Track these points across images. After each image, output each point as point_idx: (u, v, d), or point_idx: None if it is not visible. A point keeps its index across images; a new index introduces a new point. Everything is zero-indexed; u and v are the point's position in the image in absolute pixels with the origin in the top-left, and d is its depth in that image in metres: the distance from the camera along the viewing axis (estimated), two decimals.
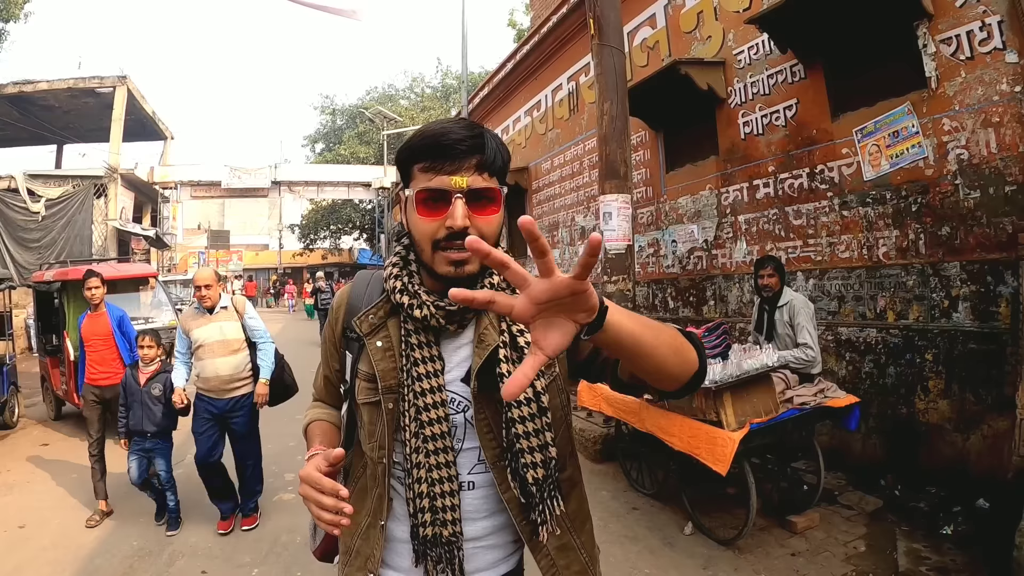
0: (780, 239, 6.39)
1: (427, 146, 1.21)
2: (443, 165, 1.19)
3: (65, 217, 20.77)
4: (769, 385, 3.99)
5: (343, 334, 1.46)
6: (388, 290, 1.36)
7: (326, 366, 1.58)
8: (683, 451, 3.97)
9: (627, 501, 5.02)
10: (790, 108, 6.27)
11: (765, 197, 6.59)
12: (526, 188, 13.04)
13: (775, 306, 4.74)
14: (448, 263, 1.21)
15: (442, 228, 1.19)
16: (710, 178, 7.47)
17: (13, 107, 21.88)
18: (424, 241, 1.23)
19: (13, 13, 16.54)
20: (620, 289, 6.19)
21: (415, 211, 1.23)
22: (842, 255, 5.70)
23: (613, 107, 6.18)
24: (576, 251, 10.90)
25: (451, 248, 1.20)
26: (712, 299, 7.45)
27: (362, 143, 33.32)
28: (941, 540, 3.99)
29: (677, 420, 4.06)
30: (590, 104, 10.13)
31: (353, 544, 1.42)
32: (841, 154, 5.70)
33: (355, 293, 1.47)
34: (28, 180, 20.79)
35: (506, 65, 13.64)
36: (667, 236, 8.29)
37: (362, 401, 1.38)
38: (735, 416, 3.75)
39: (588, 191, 10.36)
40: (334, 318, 1.51)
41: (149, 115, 24.29)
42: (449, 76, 35.88)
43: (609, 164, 6.20)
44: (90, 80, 21.27)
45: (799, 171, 6.16)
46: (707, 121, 7.44)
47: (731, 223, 7.11)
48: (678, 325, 1.34)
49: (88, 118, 23.62)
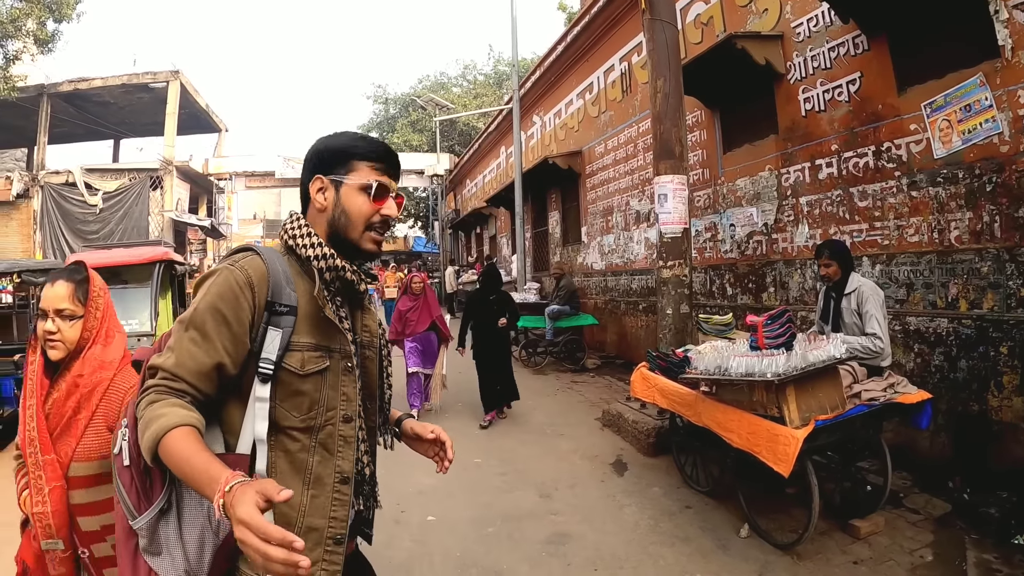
0: (844, 222, 6.11)
1: (383, 152, 1.60)
2: (385, 169, 1.60)
3: (122, 209, 21.59)
4: (836, 378, 3.77)
5: (268, 308, 1.44)
6: (324, 263, 1.52)
7: (216, 351, 1.38)
8: (742, 448, 3.80)
9: (680, 498, 4.88)
10: (853, 82, 5.96)
11: (828, 177, 6.31)
12: (579, 172, 12.89)
13: (841, 293, 4.49)
14: (373, 242, 1.59)
15: (377, 214, 1.57)
16: (769, 158, 7.19)
17: (69, 104, 22.60)
18: (360, 221, 1.56)
19: (66, 13, 16.77)
20: (676, 275, 6.01)
21: (360, 196, 1.55)
22: (911, 239, 5.38)
23: (666, 84, 5.99)
24: (631, 236, 10.73)
25: (377, 230, 1.59)
26: (772, 286, 7.19)
27: (415, 131, 33.22)
28: (1013, 551, 3.69)
29: (735, 415, 3.89)
30: (643, 84, 9.95)
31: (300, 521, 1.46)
32: (909, 130, 5.37)
33: (273, 268, 1.48)
34: (85, 174, 21.65)
35: (556, 48, 13.52)
36: (724, 219, 8.04)
37: (306, 371, 1.46)
38: (799, 412, 3.56)
39: (643, 174, 10.16)
40: (249, 293, 1.43)
41: (203, 108, 24.79)
42: (501, 63, 35.53)
43: (663, 143, 6.01)
44: (143, 75, 21.82)
45: (864, 149, 5.85)
46: (765, 98, 7.17)
47: (792, 205, 6.84)
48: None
49: (143, 113, 24.24)
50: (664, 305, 6.13)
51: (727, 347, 4.12)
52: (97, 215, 21.46)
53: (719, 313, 7.75)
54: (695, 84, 7.39)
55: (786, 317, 3.72)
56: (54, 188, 21.62)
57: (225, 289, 1.41)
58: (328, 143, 1.59)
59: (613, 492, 5.05)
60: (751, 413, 3.79)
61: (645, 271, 10.25)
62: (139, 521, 1.38)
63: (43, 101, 21.51)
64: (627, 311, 10.91)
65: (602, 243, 11.97)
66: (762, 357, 3.55)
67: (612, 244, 11.50)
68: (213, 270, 1.47)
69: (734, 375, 3.68)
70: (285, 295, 1.46)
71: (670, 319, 6.06)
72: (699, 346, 4.69)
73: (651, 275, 9.97)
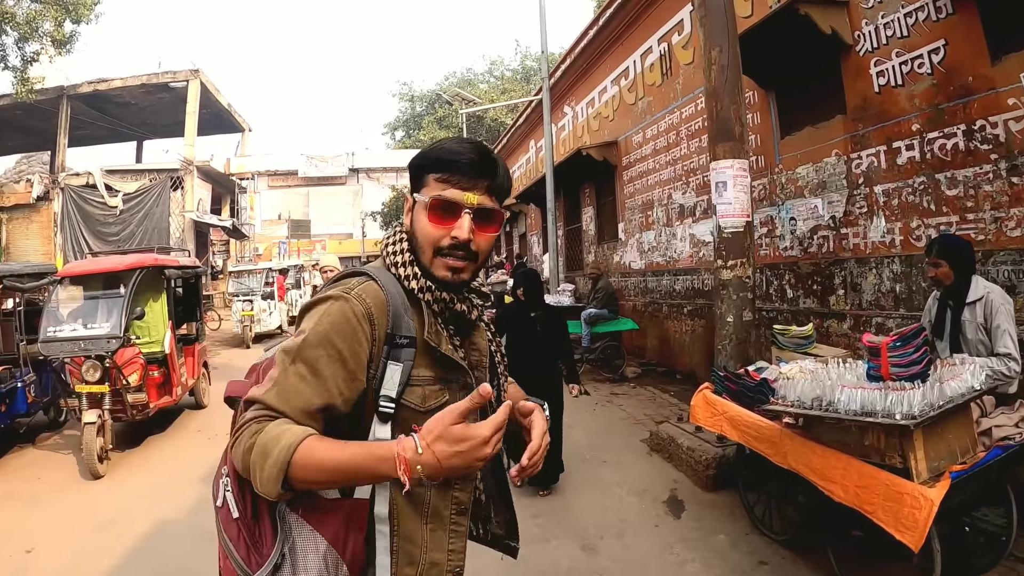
0: (929, 214, 5.31)
1: (447, 160, 1.34)
2: (458, 180, 1.33)
3: (143, 210, 21.79)
4: (967, 416, 2.91)
5: (388, 341, 1.31)
6: (429, 295, 1.37)
7: (328, 391, 1.25)
8: (848, 504, 2.94)
9: (751, 549, 4.01)
10: (936, 51, 5.18)
11: (909, 162, 5.50)
12: (615, 164, 12.13)
13: (962, 302, 3.60)
14: (447, 268, 1.36)
15: (447, 237, 1.34)
16: (836, 142, 6.35)
17: (90, 106, 22.85)
18: (427, 245, 1.36)
19: (83, 14, 16.54)
20: (738, 276, 5.18)
21: (424, 216, 1.35)
22: (1011, 232, 4.61)
23: (723, 55, 5.23)
24: (674, 232, 9.89)
25: (451, 256, 1.35)
26: (841, 288, 6.32)
27: (441, 128, 32.91)
28: None
29: (838, 461, 3.03)
30: (685, 66, 9.16)
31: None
32: (1006, 105, 4.60)
33: (392, 296, 1.34)
34: (105, 175, 21.94)
35: (588, 33, 12.80)
36: (783, 213, 7.18)
37: (427, 407, 1.33)
38: (927, 461, 2.71)
39: (687, 164, 9.34)
40: (368, 327, 1.29)
41: (225, 107, 25.03)
42: (528, 58, 35.38)
43: (720, 123, 5.21)
44: (163, 75, 22.00)
45: (952, 128, 5.08)
46: (829, 74, 6.38)
47: (865, 195, 6.00)
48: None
49: (164, 113, 24.45)
50: (724, 312, 5.29)
51: (825, 371, 3.24)
52: (117, 217, 21.69)
53: (781, 319, 6.91)
54: (747, 61, 6.55)
55: (922, 338, 2.84)
56: (74, 190, 21.74)
57: (341, 321, 1.28)
58: (417, 154, 1.44)
59: (670, 541, 4.19)
60: (862, 460, 2.93)
61: (690, 271, 9.43)
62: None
63: (63, 103, 21.66)
64: (669, 314, 10.07)
65: (641, 240, 11.17)
66: (886, 391, 2.68)
67: (652, 241, 10.68)
68: (324, 296, 1.34)
69: (844, 413, 2.82)
70: (404, 325, 1.32)
71: (731, 328, 5.22)
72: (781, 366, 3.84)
73: (697, 275, 9.20)
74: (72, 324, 6.53)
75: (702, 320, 8.96)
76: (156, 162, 23.82)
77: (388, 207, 35.01)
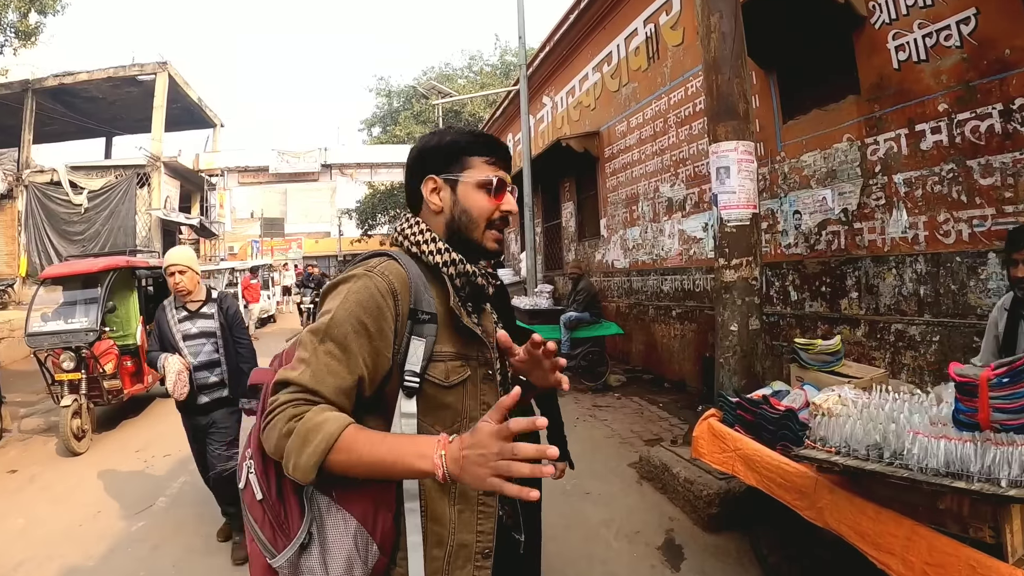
0: (960, 206, 4.67)
1: (494, 145, 1.49)
2: (503, 163, 1.50)
3: (108, 208, 21.06)
4: None
5: (411, 316, 1.33)
6: (453, 268, 1.41)
7: (358, 365, 1.27)
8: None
9: None
10: (966, 21, 4.58)
11: (935, 147, 4.85)
12: (597, 156, 11.39)
13: None
14: (495, 240, 1.48)
15: (497, 211, 1.46)
16: (848, 125, 5.66)
17: (57, 101, 22.05)
18: (482, 220, 1.45)
19: (49, 5, 15.97)
20: (743, 277, 4.44)
21: (478, 193, 1.45)
22: None
23: (723, 22, 4.57)
24: (661, 229, 9.14)
25: (496, 228, 1.48)
26: (855, 290, 5.61)
27: (418, 122, 32.09)
28: None
29: (899, 528, 2.23)
30: (674, 48, 8.44)
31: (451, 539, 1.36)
32: None
33: (413, 273, 1.37)
34: (70, 172, 21.34)
35: (568, 17, 11.99)
36: (786, 205, 6.45)
37: (451, 383, 1.37)
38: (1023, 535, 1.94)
39: (675, 153, 8.59)
40: (392, 302, 1.32)
41: (195, 102, 24.33)
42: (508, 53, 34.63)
43: (721, 99, 4.51)
44: (130, 68, 21.20)
45: (986, 108, 4.47)
46: (840, 50, 5.71)
47: (882, 185, 5.32)
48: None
49: (134, 108, 23.60)
50: (727, 319, 4.53)
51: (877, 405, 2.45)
52: (82, 215, 20.93)
53: (793, 325, 6.18)
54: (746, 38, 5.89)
55: None
56: (38, 187, 20.90)
57: (366, 298, 1.30)
58: (436, 141, 1.50)
59: None
60: (933, 530, 2.15)
61: (679, 270, 8.67)
62: (279, 559, 1.27)
63: (28, 97, 20.79)
64: (657, 317, 9.31)
65: (625, 237, 10.42)
66: (984, 444, 1.91)
67: (638, 238, 9.91)
68: (347, 275, 1.35)
69: (918, 470, 2.04)
70: (425, 302, 1.36)
71: (735, 338, 4.46)
72: (807, 390, 3.07)
73: (686, 275, 8.46)
74: (55, 320, 7.37)
75: (692, 324, 8.23)
76: (122, 158, 23.04)
77: (364, 204, 34.19)
